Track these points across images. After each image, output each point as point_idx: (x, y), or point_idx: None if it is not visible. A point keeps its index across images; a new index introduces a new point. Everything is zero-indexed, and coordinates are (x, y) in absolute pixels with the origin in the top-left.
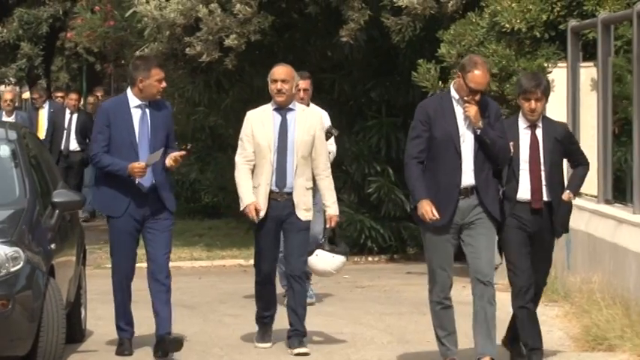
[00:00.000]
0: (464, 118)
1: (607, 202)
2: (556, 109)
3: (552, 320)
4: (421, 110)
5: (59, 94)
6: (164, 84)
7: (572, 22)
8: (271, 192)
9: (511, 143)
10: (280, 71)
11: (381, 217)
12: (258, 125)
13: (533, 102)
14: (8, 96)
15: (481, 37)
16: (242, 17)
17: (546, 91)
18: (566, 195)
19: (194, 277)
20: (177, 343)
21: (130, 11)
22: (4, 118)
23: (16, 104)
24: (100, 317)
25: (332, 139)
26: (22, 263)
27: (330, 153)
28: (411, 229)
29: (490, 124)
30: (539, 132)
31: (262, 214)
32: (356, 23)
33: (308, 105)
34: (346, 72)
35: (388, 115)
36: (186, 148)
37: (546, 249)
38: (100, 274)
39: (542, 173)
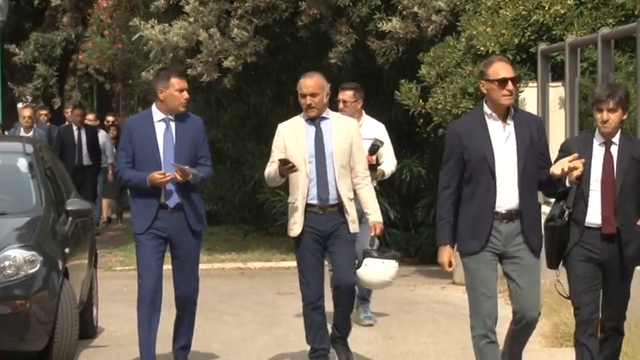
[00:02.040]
0: (505, 139)
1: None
2: None
3: None
4: (452, 132)
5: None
6: (186, 95)
7: (542, 46)
8: (312, 205)
9: (582, 160)
10: (308, 84)
11: None
12: (291, 138)
13: (605, 113)
14: (26, 113)
15: (458, 59)
16: (239, 41)
17: (622, 102)
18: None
19: None
20: None
21: (137, 35)
22: (22, 134)
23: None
24: (110, 315)
25: (391, 154)
26: (38, 266)
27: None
28: (395, 234)
29: (533, 143)
30: (614, 149)
31: (299, 229)
32: (343, 46)
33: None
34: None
35: None
36: None
37: (620, 279)
38: (110, 275)
39: (615, 195)
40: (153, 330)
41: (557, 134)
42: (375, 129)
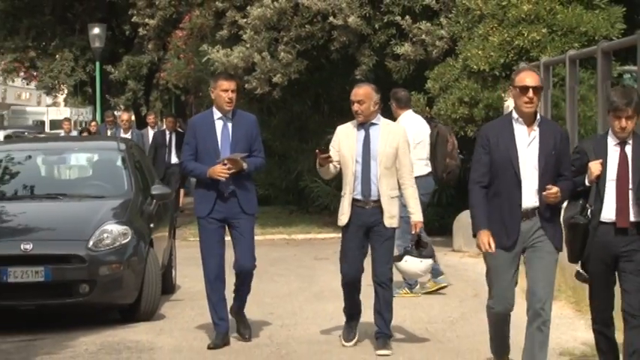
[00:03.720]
0: (528, 143)
1: None
2: None
3: None
4: (481, 134)
5: (170, 118)
6: (230, 95)
7: (522, 65)
8: (357, 200)
9: (599, 161)
10: (357, 93)
11: None
12: (344, 138)
13: (623, 120)
14: (125, 117)
15: (456, 75)
16: (285, 62)
17: (637, 107)
18: None
19: None
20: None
21: (206, 58)
22: (122, 134)
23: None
24: (185, 275)
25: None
26: (130, 237)
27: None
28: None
29: (555, 151)
30: (628, 149)
31: (345, 219)
32: (366, 66)
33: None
34: None
35: None
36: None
37: (637, 272)
38: (186, 244)
39: (630, 192)
40: (220, 297)
41: None
42: None
